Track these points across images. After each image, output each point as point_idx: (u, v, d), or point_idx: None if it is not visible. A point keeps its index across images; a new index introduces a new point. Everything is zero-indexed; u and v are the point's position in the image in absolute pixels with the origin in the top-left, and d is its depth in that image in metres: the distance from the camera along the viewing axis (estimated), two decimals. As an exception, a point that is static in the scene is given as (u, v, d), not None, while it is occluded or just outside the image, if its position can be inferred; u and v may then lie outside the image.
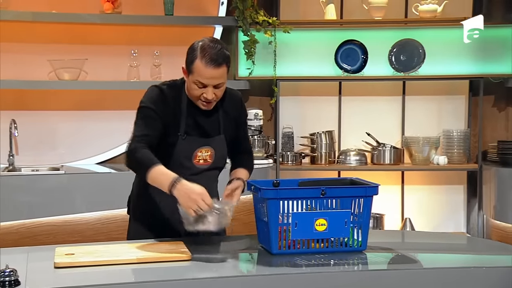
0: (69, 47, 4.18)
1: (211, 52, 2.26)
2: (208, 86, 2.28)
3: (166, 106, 2.34)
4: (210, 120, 2.40)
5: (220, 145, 2.43)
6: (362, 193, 2.19)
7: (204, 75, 2.26)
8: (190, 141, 2.36)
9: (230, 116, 2.45)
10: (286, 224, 2.14)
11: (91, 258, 2.06)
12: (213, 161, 2.42)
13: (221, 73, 2.28)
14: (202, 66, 2.25)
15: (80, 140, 4.29)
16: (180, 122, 2.35)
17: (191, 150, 2.37)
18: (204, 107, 2.35)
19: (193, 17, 4.28)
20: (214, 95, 2.30)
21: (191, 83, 2.31)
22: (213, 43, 2.31)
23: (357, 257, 2.16)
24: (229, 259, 2.12)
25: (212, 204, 2.12)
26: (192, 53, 2.30)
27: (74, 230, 3.80)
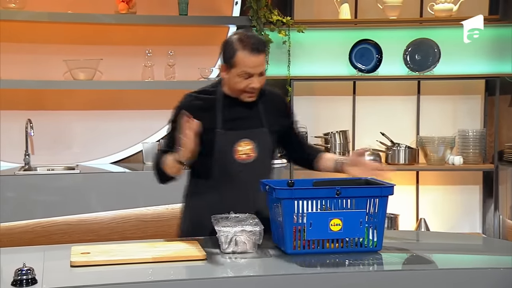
0: (84, 47, 4.22)
1: (250, 41, 2.32)
2: (254, 75, 2.33)
3: (196, 110, 2.37)
4: (248, 113, 2.43)
5: (262, 138, 2.43)
6: (377, 193, 2.18)
7: (249, 64, 2.31)
8: (228, 135, 2.39)
9: (272, 111, 2.46)
10: (300, 224, 2.14)
11: (107, 257, 2.07)
12: (256, 154, 2.41)
13: (262, 60, 2.35)
14: (246, 55, 2.31)
15: (95, 139, 4.31)
16: (216, 119, 2.39)
17: (230, 144, 2.39)
18: (250, 99, 2.39)
19: (207, 17, 4.29)
20: (260, 84, 2.36)
21: (235, 77, 2.35)
22: (248, 33, 2.39)
23: (372, 257, 2.14)
24: (243, 258, 2.12)
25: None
26: (230, 47, 2.34)
27: (89, 229, 3.82)
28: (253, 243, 2.15)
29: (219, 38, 4.36)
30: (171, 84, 4.28)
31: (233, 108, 2.41)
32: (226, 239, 2.14)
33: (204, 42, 4.42)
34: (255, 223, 2.19)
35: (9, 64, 4.12)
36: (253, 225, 2.16)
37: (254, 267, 2.07)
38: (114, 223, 3.88)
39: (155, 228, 3.93)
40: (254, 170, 2.40)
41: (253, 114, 2.43)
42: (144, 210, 3.94)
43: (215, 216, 2.28)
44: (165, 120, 4.35)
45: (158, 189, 3.90)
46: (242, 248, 2.14)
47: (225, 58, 2.37)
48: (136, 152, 4.38)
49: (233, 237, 2.13)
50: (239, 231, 2.13)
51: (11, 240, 3.67)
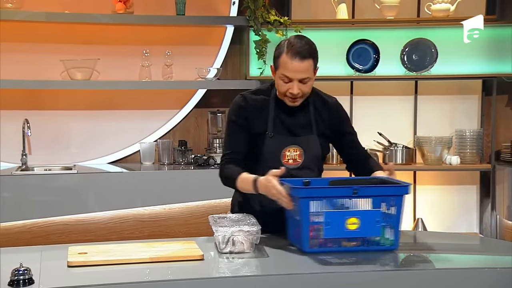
0: (81, 47, 4.21)
1: (297, 46, 2.32)
2: (293, 80, 2.33)
3: (250, 111, 2.42)
4: (300, 119, 2.44)
5: (311, 145, 2.43)
6: (394, 192, 2.20)
7: (289, 68, 2.32)
8: (278, 140, 2.41)
9: (324, 118, 2.46)
10: (317, 223, 2.15)
11: (104, 257, 2.07)
12: (302, 160, 2.43)
13: (306, 67, 2.33)
14: (288, 59, 2.32)
15: (92, 139, 4.31)
16: (268, 122, 2.41)
17: (279, 149, 2.41)
18: (291, 103, 2.39)
19: (204, 17, 4.29)
20: (299, 91, 2.35)
21: (278, 79, 2.37)
22: (299, 38, 2.38)
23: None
24: (240, 258, 2.12)
25: (283, 188, 2.16)
26: (278, 49, 2.38)
27: (87, 229, 3.82)
28: (250, 243, 2.15)
29: (216, 38, 4.43)
30: (169, 84, 4.27)
31: (284, 112, 2.43)
32: (223, 239, 2.14)
33: (202, 42, 4.42)
34: (252, 223, 2.19)
35: (6, 64, 4.12)
36: (250, 225, 2.17)
37: (251, 267, 2.08)
38: (111, 223, 3.88)
39: (152, 228, 3.93)
40: (300, 176, 2.40)
41: (304, 120, 2.44)
42: (142, 210, 3.93)
43: (212, 216, 2.28)
44: (163, 120, 4.42)
45: (156, 189, 3.95)
46: (239, 248, 2.14)
47: (274, 59, 2.40)
48: (133, 152, 4.38)
49: (230, 237, 2.13)
50: (236, 231, 2.14)
51: (8, 240, 3.66)
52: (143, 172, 4.08)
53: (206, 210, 4.00)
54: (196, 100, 4.43)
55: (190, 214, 4.01)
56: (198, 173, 4.06)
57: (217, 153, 4.26)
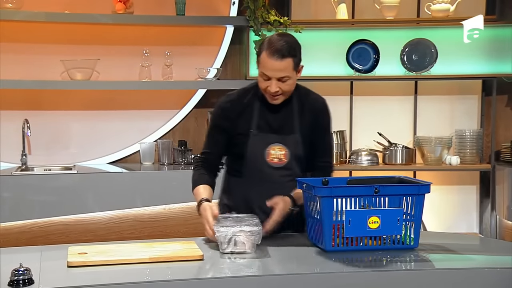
0: (81, 47, 4.21)
1: (276, 44, 2.31)
2: (272, 78, 2.32)
3: (234, 111, 2.43)
4: (283, 117, 2.43)
5: (294, 144, 2.43)
6: (415, 191, 2.22)
7: (267, 66, 2.31)
8: (262, 138, 2.41)
9: (307, 118, 2.45)
10: (339, 222, 2.16)
11: (104, 257, 2.07)
12: (288, 160, 2.42)
13: (285, 65, 2.31)
14: (266, 57, 2.31)
15: (92, 139, 4.31)
16: (251, 120, 2.41)
17: (263, 147, 2.41)
18: (271, 101, 2.39)
19: (204, 17, 4.29)
20: (278, 89, 2.34)
21: (259, 76, 2.38)
22: (280, 36, 2.36)
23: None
24: (242, 259, 2.12)
25: (212, 222, 2.23)
26: (260, 47, 2.38)
27: (86, 229, 3.82)
28: (252, 243, 2.14)
29: (216, 38, 4.43)
30: (168, 84, 4.27)
31: (268, 110, 2.43)
32: (225, 239, 2.13)
33: (202, 42, 4.41)
34: (254, 223, 2.19)
35: (6, 64, 4.11)
36: (252, 225, 2.16)
37: (252, 267, 2.07)
38: (111, 223, 3.87)
39: (152, 228, 3.93)
40: (284, 174, 2.41)
41: (287, 119, 2.44)
42: (141, 211, 3.93)
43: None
44: (163, 120, 4.42)
45: (155, 189, 3.94)
46: (241, 248, 2.14)
47: (256, 56, 2.40)
48: (133, 152, 4.37)
49: (232, 237, 2.13)
50: (238, 231, 2.13)
51: (8, 240, 3.66)
52: (143, 172, 4.08)
53: (206, 210, 4.00)
54: (196, 100, 4.43)
55: (190, 214, 4.00)
56: (198, 173, 4.06)
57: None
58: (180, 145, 4.31)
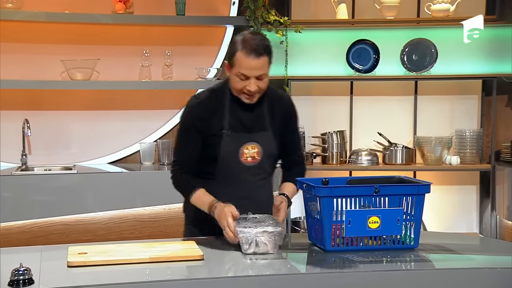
0: (81, 47, 4.21)
1: (252, 43, 2.29)
2: (250, 77, 2.30)
3: (203, 111, 2.39)
4: (254, 116, 2.41)
5: (267, 141, 2.42)
6: (415, 191, 2.23)
7: (246, 66, 2.29)
8: (235, 137, 2.38)
9: (276, 115, 2.44)
10: (339, 222, 2.17)
11: (104, 257, 2.07)
12: (261, 158, 2.41)
13: (262, 63, 2.30)
14: (243, 57, 2.28)
15: (92, 139, 4.31)
16: (223, 120, 2.38)
17: (237, 147, 2.38)
18: (247, 100, 2.36)
19: (204, 17, 4.29)
20: (257, 87, 2.32)
21: (233, 76, 2.34)
22: (253, 34, 2.35)
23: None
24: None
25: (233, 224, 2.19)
26: (233, 46, 2.34)
27: (87, 229, 3.82)
28: (274, 244, 2.14)
29: (216, 38, 4.43)
30: (169, 84, 4.27)
31: (239, 109, 2.40)
32: (247, 240, 2.13)
33: (202, 42, 4.41)
34: (275, 223, 2.19)
35: (6, 64, 4.12)
36: (274, 226, 2.16)
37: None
38: (111, 223, 3.87)
39: (152, 228, 3.93)
40: (257, 173, 2.41)
41: (259, 117, 2.42)
42: (142, 210, 3.93)
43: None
44: (163, 120, 4.42)
45: (155, 189, 3.94)
46: (263, 249, 2.14)
47: (228, 56, 2.36)
48: (133, 152, 4.37)
49: (254, 238, 2.13)
50: (261, 232, 2.13)
51: (8, 240, 3.66)
52: (143, 172, 4.07)
53: (206, 210, 4.00)
54: (196, 100, 4.42)
55: (190, 214, 4.00)
56: (198, 173, 4.06)
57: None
58: (180, 145, 4.30)
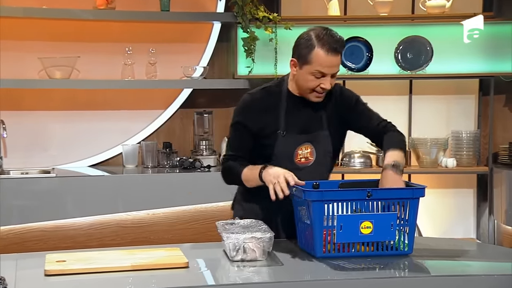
0: (60, 44, 4.19)
1: (330, 40, 2.33)
2: (327, 75, 2.34)
3: (258, 110, 2.43)
4: (311, 115, 2.45)
5: (322, 141, 2.45)
6: (409, 195, 2.22)
7: (325, 63, 2.32)
8: (290, 138, 2.42)
9: (331, 107, 2.46)
10: (330, 227, 2.16)
11: (83, 265, 2.06)
12: (314, 158, 2.45)
13: (339, 60, 2.37)
14: (323, 54, 2.31)
15: (72, 141, 4.29)
16: (279, 121, 2.42)
17: (292, 148, 2.42)
18: (317, 99, 2.40)
19: (190, 13, 4.28)
20: (330, 85, 2.37)
21: (307, 75, 2.36)
22: (326, 30, 2.36)
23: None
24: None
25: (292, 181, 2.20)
26: (307, 43, 2.34)
27: (66, 236, 3.80)
28: (262, 250, 2.14)
29: (202, 35, 4.42)
30: (153, 84, 4.26)
31: (296, 109, 2.44)
32: (235, 246, 2.13)
33: (187, 40, 4.41)
34: (264, 229, 2.19)
35: (-19, 62, 4.09)
36: (262, 232, 2.16)
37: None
38: (92, 229, 3.86)
39: (135, 234, 3.93)
40: (311, 174, 2.41)
41: (316, 116, 2.46)
42: (124, 216, 3.93)
43: (220, 222, 2.28)
44: (146, 121, 4.41)
45: (139, 193, 3.93)
46: (251, 255, 2.14)
47: (299, 54, 2.37)
48: (115, 155, 4.36)
49: (242, 244, 2.13)
50: (249, 238, 2.13)
51: (-17, 247, 3.64)
52: (125, 175, 4.07)
53: (192, 216, 4.00)
54: (182, 100, 4.42)
55: (175, 220, 4.00)
56: (184, 176, 4.06)
57: (203, 155, 4.26)
58: (165, 147, 4.30)
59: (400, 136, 2.51)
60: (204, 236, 3.93)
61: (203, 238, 3.87)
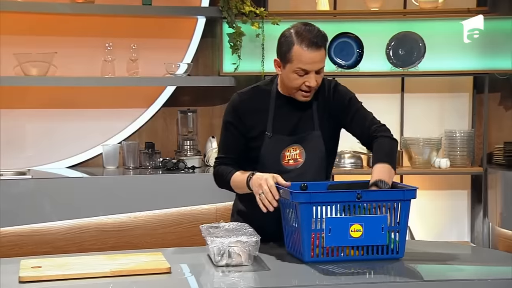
0: (37, 39, 4.16)
1: (309, 35, 2.33)
2: (310, 72, 2.34)
3: (246, 110, 2.44)
4: (301, 115, 2.45)
5: (314, 141, 2.45)
6: (400, 196, 2.23)
7: (306, 60, 2.32)
8: (277, 140, 2.42)
9: (323, 106, 2.46)
10: (319, 230, 2.16)
11: (60, 271, 2.04)
12: (304, 160, 2.44)
13: (322, 56, 2.35)
14: (303, 50, 2.32)
15: (49, 141, 4.26)
16: (267, 122, 2.42)
17: (278, 150, 2.42)
18: (305, 98, 2.40)
19: (173, 7, 4.27)
20: (316, 82, 2.36)
21: (290, 73, 2.36)
22: (307, 26, 2.38)
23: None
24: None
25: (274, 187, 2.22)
26: (286, 41, 2.36)
27: (43, 241, 3.78)
28: (248, 255, 2.14)
29: (186, 31, 4.41)
30: (134, 81, 4.25)
31: (285, 110, 2.44)
32: (219, 251, 2.12)
33: (170, 35, 4.40)
34: (249, 232, 2.19)
35: (-47, 58, 4.06)
36: (248, 235, 2.16)
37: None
38: (70, 233, 3.84)
39: (116, 238, 3.91)
40: (301, 176, 2.41)
41: (306, 116, 2.45)
42: (104, 219, 3.91)
43: (204, 226, 2.28)
44: (128, 120, 4.39)
45: (120, 196, 3.92)
46: (236, 260, 2.13)
47: (281, 53, 2.39)
48: (95, 155, 4.34)
49: (227, 248, 2.12)
50: (234, 242, 2.12)
51: (-45, 253, 3.60)
52: (106, 177, 4.05)
53: (175, 219, 4.00)
54: (165, 98, 4.41)
55: (158, 223, 4.00)
56: (167, 178, 4.05)
57: (187, 156, 4.25)
58: (147, 147, 4.29)
59: (391, 144, 2.50)
60: (188, 240, 3.93)
61: (187, 242, 3.86)
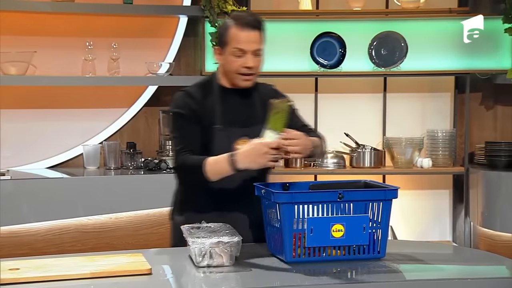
0: (16, 38, 4.13)
1: (244, 17, 2.44)
2: (247, 52, 2.42)
3: (196, 104, 2.47)
4: (246, 108, 2.51)
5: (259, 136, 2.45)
6: (381, 196, 2.24)
7: (242, 39, 2.41)
8: (228, 133, 2.45)
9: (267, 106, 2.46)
10: (300, 230, 2.17)
11: (39, 273, 2.02)
12: None
13: (258, 37, 2.44)
14: (238, 30, 2.41)
15: (29, 141, 4.24)
16: (214, 115, 2.46)
17: (230, 142, 2.42)
18: (245, 82, 2.47)
19: (154, 6, 4.27)
20: (254, 64, 2.43)
21: (228, 56, 2.44)
22: (243, 12, 2.52)
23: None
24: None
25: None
26: (224, 26, 2.48)
27: (22, 242, 3.76)
28: (230, 256, 2.14)
29: (168, 30, 4.40)
30: (115, 80, 4.23)
31: (230, 102, 2.49)
32: (200, 251, 2.11)
33: (152, 34, 4.39)
34: (231, 233, 2.19)
35: None
36: (230, 236, 2.16)
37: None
38: (50, 234, 3.82)
39: (97, 240, 3.90)
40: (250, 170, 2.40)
41: (251, 109, 2.51)
42: (85, 220, 3.90)
43: (184, 226, 2.27)
44: (109, 120, 4.37)
45: (100, 196, 3.90)
46: (218, 261, 2.13)
47: (219, 40, 2.49)
48: (75, 156, 4.32)
49: (208, 249, 2.11)
50: (215, 243, 2.12)
51: None
52: (86, 177, 4.04)
53: (157, 219, 3.98)
54: (146, 98, 4.40)
55: (140, 224, 3.99)
56: (149, 178, 4.03)
57: (169, 156, 4.23)
58: (129, 147, 4.27)
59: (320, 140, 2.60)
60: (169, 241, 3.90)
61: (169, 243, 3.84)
